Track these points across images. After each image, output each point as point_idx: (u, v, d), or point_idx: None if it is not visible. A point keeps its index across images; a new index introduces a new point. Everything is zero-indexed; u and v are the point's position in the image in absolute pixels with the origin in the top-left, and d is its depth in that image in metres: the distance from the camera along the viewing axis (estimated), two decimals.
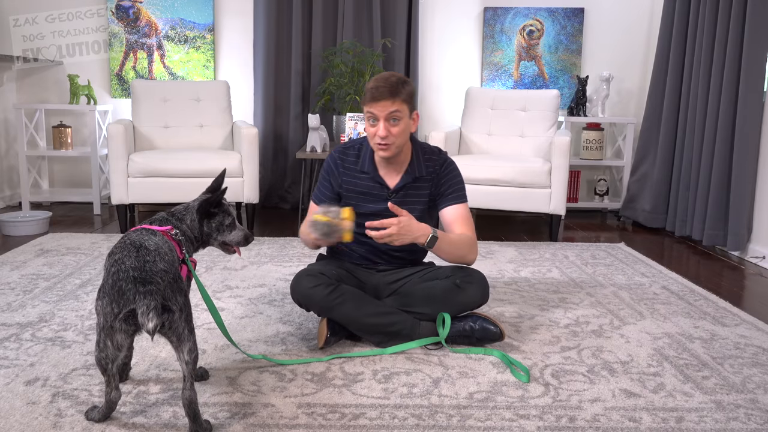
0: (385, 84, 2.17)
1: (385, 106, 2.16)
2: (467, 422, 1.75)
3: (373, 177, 2.33)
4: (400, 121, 2.19)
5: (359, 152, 2.37)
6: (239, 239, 2.00)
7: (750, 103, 3.62)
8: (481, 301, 2.29)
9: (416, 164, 2.33)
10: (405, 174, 2.33)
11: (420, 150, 2.36)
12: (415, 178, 2.33)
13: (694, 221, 4.03)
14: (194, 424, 1.62)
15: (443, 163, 2.38)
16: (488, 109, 4.52)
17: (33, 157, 4.89)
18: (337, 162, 2.37)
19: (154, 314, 1.50)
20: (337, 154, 2.39)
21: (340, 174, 2.36)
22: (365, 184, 2.34)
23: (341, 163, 2.37)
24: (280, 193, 5.02)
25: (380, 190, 2.33)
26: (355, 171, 2.35)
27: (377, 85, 2.18)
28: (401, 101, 2.18)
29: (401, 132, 2.21)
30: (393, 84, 2.17)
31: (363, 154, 2.35)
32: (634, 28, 5.02)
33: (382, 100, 2.16)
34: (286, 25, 4.86)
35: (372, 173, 2.33)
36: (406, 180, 2.32)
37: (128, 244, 1.68)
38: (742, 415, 1.83)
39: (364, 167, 2.33)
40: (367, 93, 2.20)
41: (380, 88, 2.17)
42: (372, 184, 2.33)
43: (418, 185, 2.35)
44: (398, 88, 2.17)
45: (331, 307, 2.19)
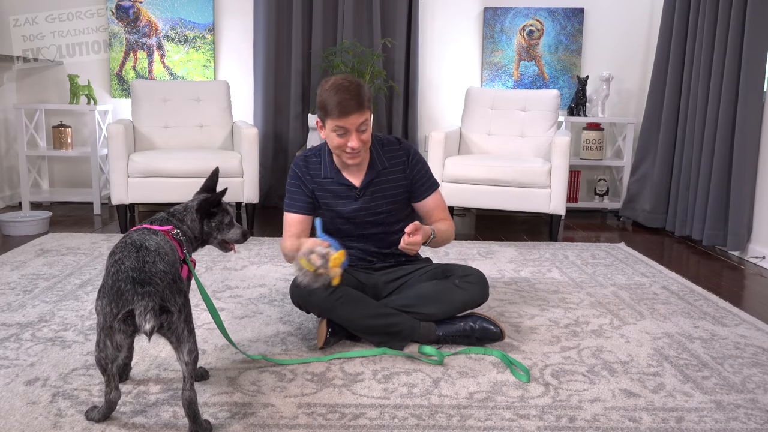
0: (350, 96, 2.12)
1: (355, 119, 2.14)
2: (467, 422, 1.75)
3: (337, 180, 2.33)
4: (368, 129, 2.20)
5: (319, 158, 2.36)
6: (238, 237, 2.03)
7: (750, 103, 3.62)
8: (480, 300, 2.29)
9: (377, 159, 2.34)
10: (368, 171, 2.33)
11: (378, 143, 2.37)
12: (378, 172, 2.34)
13: (694, 221, 4.03)
14: (194, 424, 1.62)
15: (410, 155, 2.38)
16: (488, 109, 4.52)
17: (33, 157, 4.89)
18: (303, 170, 2.36)
19: (152, 315, 1.50)
20: (301, 163, 2.37)
21: (307, 182, 2.36)
22: (332, 188, 2.34)
23: (306, 171, 2.36)
24: (280, 193, 5.02)
25: (348, 191, 2.34)
26: (319, 177, 2.35)
27: (343, 98, 2.11)
28: (366, 108, 2.18)
29: (368, 137, 2.23)
30: (358, 95, 2.13)
31: (323, 160, 2.35)
32: (634, 28, 5.02)
33: (353, 114, 2.13)
34: (286, 25, 4.86)
35: (335, 177, 2.33)
36: (370, 176, 2.33)
37: (129, 244, 1.68)
38: (742, 415, 1.83)
39: (327, 173, 2.33)
40: (331, 107, 2.12)
41: (348, 101, 2.11)
42: (339, 187, 2.34)
43: (384, 179, 2.35)
44: (363, 97, 2.15)
45: (331, 308, 2.19)
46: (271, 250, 3.60)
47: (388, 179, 2.36)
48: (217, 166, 2.20)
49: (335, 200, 2.35)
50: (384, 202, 2.36)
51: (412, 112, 4.94)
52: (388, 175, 2.36)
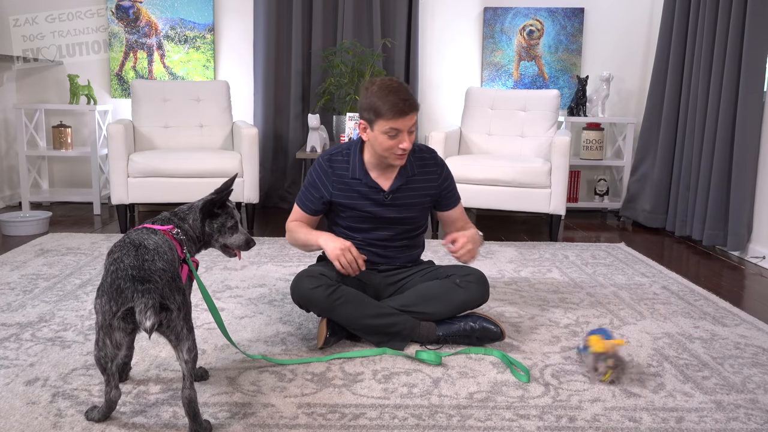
0: (405, 97, 2.14)
1: (410, 120, 2.16)
2: (467, 422, 1.75)
3: (365, 182, 2.31)
4: (414, 129, 2.21)
5: (347, 158, 2.33)
6: (240, 243, 1.99)
7: (750, 103, 3.62)
8: (481, 300, 2.29)
9: (408, 165, 2.34)
10: (398, 176, 2.32)
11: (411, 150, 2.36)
12: (408, 178, 2.33)
13: (694, 221, 4.03)
14: (194, 423, 1.62)
15: (441, 167, 2.41)
16: (488, 109, 4.52)
17: (33, 157, 4.89)
18: (326, 170, 2.33)
19: (152, 313, 1.50)
20: (325, 162, 2.34)
21: (330, 182, 2.33)
22: (359, 189, 2.32)
23: (331, 171, 2.33)
24: (280, 193, 5.02)
25: (376, 194, 2.32)
26: (345, 177, 2.33)
27: (398, 99, 2.13)
28: (416, 110, 2.20)
29: (414, 138, 2.23)
30: (410, 96, 2.16)
31: (352, 160, 2.32)
32: (634, 28, 5.02)
33: (410, 114, 2.15)
34: (286, 25, 4.86)
35: (364, 178, 2.31)
36: (400, 181, 2.32)
37: (127, 243, 1.68)
38: (742, 415, 1.83)
39: (355, 174, 2.31)
40: (386, 109, 2.13)
41: (404, 102, 2.13)
42: (367, 189, 2.32)
43: (412, 186, 2.35)
44: (414, 98, 2.19)
45: (332, 308, 2.19)
46: (271, 250, 3.61)
47: (416, 186, 2.35)
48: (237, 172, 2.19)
49: (361, 201, 2.33)
50: (409, 208, 2.36)
51: None
52: (417, 183, 2.35)
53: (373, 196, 2.32)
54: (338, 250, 2.19)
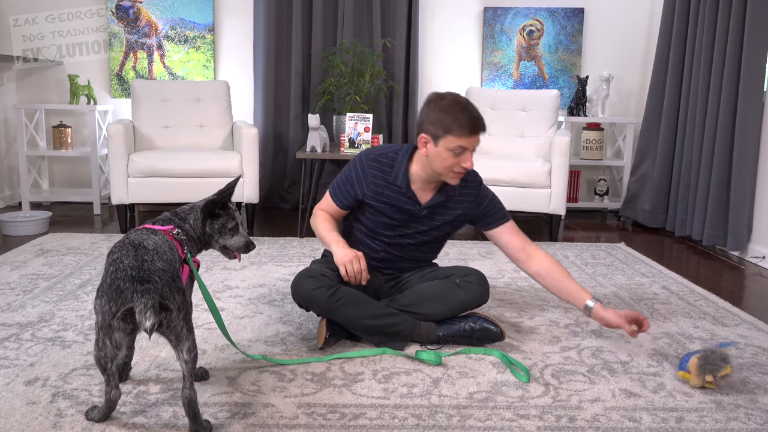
0: (479, 115, 2.11)
1: (478, 140, 2.12)
2: (467, 422, 1.75)
3: (405, 192, 2.25)
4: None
5: (393, 163, 2.26)
6: (240, 245, 1.98)
7: (750, 103, 3.62)
8: (480, 301, 2.29)
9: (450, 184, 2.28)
10: (438, 192, 2.27)
11: None
12: (447, 197, 2.28)
13: (694, 221, 4.03)
14: (194, 423, 1.62)
15: (478, 188, 2.34)
16: (488, 109, 4.52)
17: (33, 157, 4.89)
18: (366, 169, 2.27)
19: (152, 313, 1.50)
20: (368, 161, 2.27)
21: (368, 182, 2.27)
22: (395, 196, 2.26)
23: (372, 172, 2.26)
24: (280, 193, 5.02)
25: (411, 205, 2.27)
26: (386, 182, 2.26)
27: (472, 117, 2.09)
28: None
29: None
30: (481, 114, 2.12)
31: (397, 166, 2.25)
32: (634, 28, 5.02)
33: (480, 134, 2.12)
34: (286, 25, 4.86)
35: (405, 188, 2.25)
36: (439, 198, 2.27)
37: (127, 243, 1.68)
38: (742, 415, 1.83)
39: (397, 181, 2.24)
40: (458, 125, 2.07)
41: (479, 120, 2.09)
42: (403, 198, 2.26)
43: (449, 205, 2.31)
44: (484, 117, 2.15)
45: (332, 309, 2.18)
46: (271, 250, 3.61)
47: (452, 206, 2.31)
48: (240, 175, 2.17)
49: (393, 209, 2.28)
50: (440, 226, 2.33)
51: (412, 112, 4.94)
52: (454, 203, 2.30)
53: (408, 207, 2.27)
54: (347, 258, 2.16)
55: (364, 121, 3.99)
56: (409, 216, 2.29)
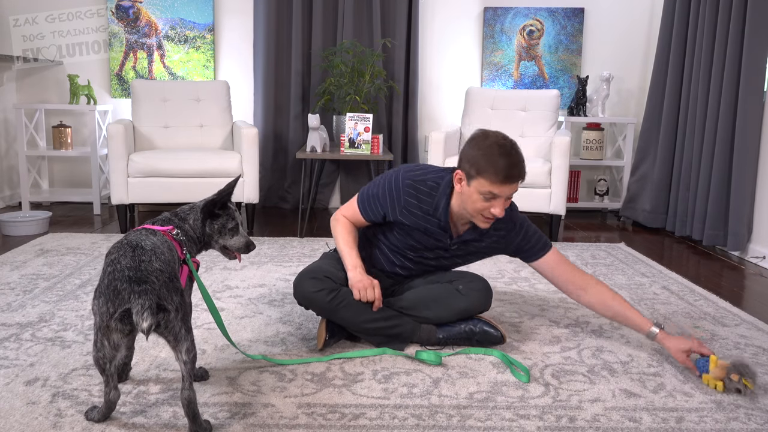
0: (516, 162, 1.98)
1: (513, 188, 2.01)
2: (467, 422, 1.75)
3: (441, 225, 2.19)
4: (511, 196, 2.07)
5: (432, 192, 2.17)
6: (240, 245, 1.97)
7: (750, 103, 3.62)
8: (482, 308, 2.27)
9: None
10: (472, 229, 2.23)
11: None
12: (480, 234, 2.24)
13: (694, 221, 4.03)
14: (194, 424, 1.62)
15: (514, 222, 2.24)
16: (488, 109, 4.52)
17: (33, 157, 4.89)
18: (402, 195, 2.18)
19: (149, 314, 1.50)
20: (404, 186, 2.17)
21: (401, 207, 2.19)
22: (428, 227, 2.20)
23: (407, 198, 2.17)
24: (280, 193, 5.02)
25: (442, 236, 2.23)
26: (422, 211, 2.18)
27: (510, 164, 1.96)
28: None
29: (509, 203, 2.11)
30: (522, 163, 2.00)
31: (438, 198, 2.16)
32: (634, 28, 5.02)
33: (515, 183, 2.00)
34: (286, 25, 4.86)
35: (443, 222, 2.18)
36: (470, 235, 2.24)
37: (125, 244, 1.68)
38: (743, 415, 1.83)
39: (436, 214, 2.17)
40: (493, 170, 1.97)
41: (515, 168, 1.97)
42: (437, 230, 2.22)
43: (480, 242, 2.27)
44: (524, 167, 2.02)
45: (333, 311, 2.18)
46: (271, 250, 3.61)
47: (483, 243, 2.27)
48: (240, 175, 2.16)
49: (424, 235, 2.24)
50: (466, 256, 2.31)
51: (412, 112, 4.94)
52: (486, 241, 2.26)
53: (439, 237, 2.23)
54: (362, 285, 2.13)
55: (364, 121, 3.98)
56: (439, 245, 2.26)
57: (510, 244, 2.27)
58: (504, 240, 2.26)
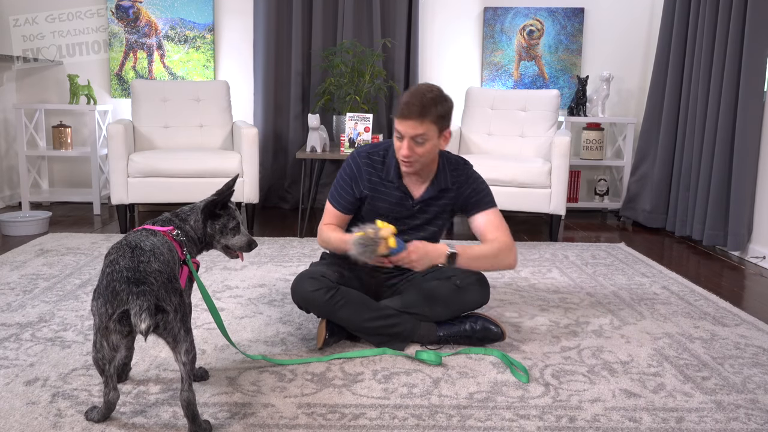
0: (416, 102, 2.06)
1: (411, 127, 2.07)
2: (467, 422, 1.75)
3: (398, 186, 2.27)
4: (426, 143, 2.11)
5: (384, 159, 2.28)
6: (242, 244, 1.97)
7: (750, 104, 3.62)
8: (481, 302, 2.28)
9: (443, 176, 2.28)
10: (431, 186, 2.28)
11: (447, 162, 2.30)
12: (440, 190, 2.28)
13: (694, 221, 4.03)
14: (193, 424, 1.62)
15: (467, 176, 2.32)
16: (488, 109, 4.52)
17: (33, 157, 4.89)
18: (360, 168, 2.28)
19: (147, 315, 1.49)
20: (361, 159, 2.29)
21: (362, 181, 2.28)
22: (389, 192, 2.28)
23: (365, 169, 2.28)
24: (280, 193, 5.02)
25: (404, 200, 2.28)
26: (379, 178, 2.27)
27: (408, 100, 2.07)
28: (430, 122, 2.07)
29: (426, 152, 2.14)
30: (424, 105, 2.06)
31: (388, 161, 2.27)
32: (634, 28, 5.02)
33: (410, 120, 2.06)
34: (286, 25, 4.86)
35: (397, 182, 2.26)
36: (431, 192, 2.28)
37: (124, 244, 1.68)
38: (743, 415, 1.83)
39: (389, 176, 2.26)
40: (398, 106, 2.09)
41: (410, 105, 2.06)
42: (397, 194, 2.28)
43: (441, 200, 2.31)
44: (428, 109, 2.06)
45: (332, 310, 2.18)
46: (271, 250, 3.60)
47: (444, 197, 2.30)
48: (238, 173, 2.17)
49: (388, 205, 2.29)
50: (434, 218, 2.33)
51: None
52: (446, 198, 2.30)
53: (401, 202, 2.28)
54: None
55: (364, 121, 3.98)
56: (403, 210, 2.29)
57: (461, 197, 2.31)
58: (457, 193, 2.30)
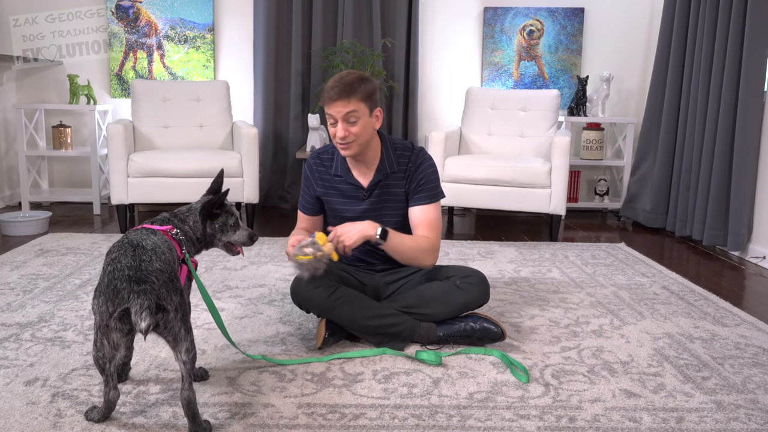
0: (339, 84, 2.15)
1: (340, 107, 2.15)
2: (467, 422, 1.75)
3: (346, 179, 2.32)
4: (359, 121, 2.17)
5: (333, 156, 2.36)
6: (244, 239, 2.00)
7: (750, 104, 3.62)
8: (481, 301, 2.29)
9: (386, 160, 2.32)
10: (376, 171, 2.31)
11: (391, 146, 2.34)
12: (386, 174, 2.32)
13: (694, 221, 4.03)
14: (193, 424, 1.62)
15: (417, 158, 2.33)
16: (488, 109, 4.52)
17: (33, 157, 4.89)
18: (312, 168, 2.38)
19: (148, 314, 1.50)
20: (312, 161, 2.39)
21: (315, 180, 2.37)
22: (341, 187, 2.34)
23: (316, 169, 2.37)
24: (280, 193, 5.02)
25: (355, 191, 2.33)
26: (330, 175, 2.35)
27: (332, 86, 2.16)
28: (357, 100, 2.15)
29: (361, 131, 2.18)
30: (347, 84, 2.15)
31: (336, 157, 2.34)
32: (634, 28, 5.02)
33: (338, 101, 2.15)
34: (286, 25, 4.86)
35: (345, 176, 2.32)
36: (378, 177, 2.31)
37: (125, 243, 1.68)
38: (743, 415, 1.83)
39: (337, 171, 2.33)
40: (324, 94, 2.19)
41: (334, 88, 2.15)
42: (347, 187, 2.33)
43: (391, 182, 2.33)
44: (353, 87, 2.15)
45: (332, 309, 2.19)
46: (272, 250, 3.60)
47: (394, 183, 2.33)
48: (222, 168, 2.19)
49: (342, 200, 2.34)
50: (389, 206, 2.34)
51: (412, 112, 4.94)
52: (395, 180, 2.33)
53: (353, 194, 2.33)
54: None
55: None
56: (357, 202, 2.32)
57: (411, 176, 2.32)
58: (405, 174, 2.32)
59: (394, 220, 2.34)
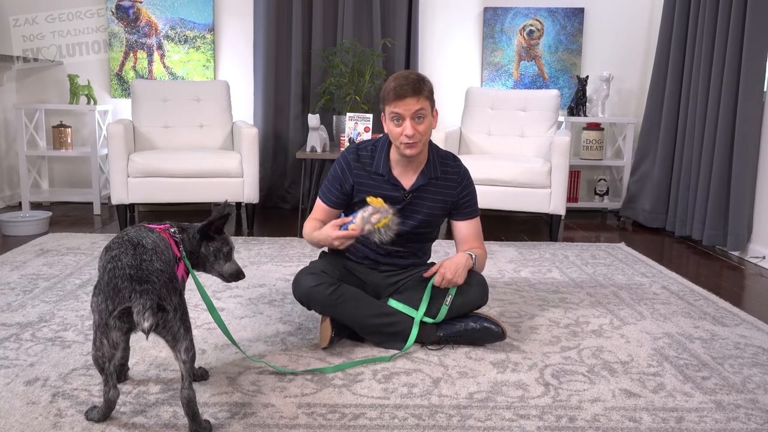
0: (407, 82, 2.15)
1: (410, 104, 2.14)
2: (467, 422, 1.75)
3: (388, 179, 2.29)
4: (425, 119, 2.18)
5: (373, 153, 2.32)
6: (231, 272, 2.01)
7: (750, 103, 3.62)
8: (480, 302, 2.29)
9: (432, 166, 2.31)
10: (421, 175, 2.30)
11: (435, 152, 2.35)
12: (429, 179, 2.31)
13: (694, 221, 4.03)
14: (193, 423, 1.62)
15: (463, 175, 2.38)
16: (488, 109, 4.52)
17: (33, 157, 4.89)
18: (350, 163, 2.32)
19: (150, 314, 1.50)
20: (350, 155, 2.34)
21: (353, 175, 2.32)
22: (379, 185, 2.30)
23: (354, 164, 2.32)
24: (280, 193, 5.02)
25: (396, 191, 2.30)
26: (369, 172, 2.31)
27: (400, 83, 2.15)
28: (425, 98, 2.17)
29: (426, 129, 2.20)
30: (415, 81, 2.15)
31: (377, 155, 2.31)
32: (634, 28, 5.02)
33: (408, 98, 2.14)
34: (286, 25, 4.86)
35: (387, 175, 2.29)
36: (421, 181, 2.30)
37: (126, 240, 1.68)
38: (742, 415, 1.83)
39: (378, 169, 2.29)
40: (389, 92, 2.16)
41: (404, 86, 2.14)
42: (387, 186, 2.30)
43: (431, 188, 2.32)
44: (421, 85, 2.16)
45: (332, 306, 2.19)
46: (271, 250, 3.60)
47: (436, 190, 2.32)
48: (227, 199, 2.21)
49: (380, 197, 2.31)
50: (420, 210, 2.33)
51: None
52: (437, 187, 2.33)
53: (393, 194, 2.29)
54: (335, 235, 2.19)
55: (364, 121, 3.98)
56: (396, 203, 2.29)
57: (460, 193, 2.37)
58: (456, 188, 2.36)
59: (415, 224, 2.34)
